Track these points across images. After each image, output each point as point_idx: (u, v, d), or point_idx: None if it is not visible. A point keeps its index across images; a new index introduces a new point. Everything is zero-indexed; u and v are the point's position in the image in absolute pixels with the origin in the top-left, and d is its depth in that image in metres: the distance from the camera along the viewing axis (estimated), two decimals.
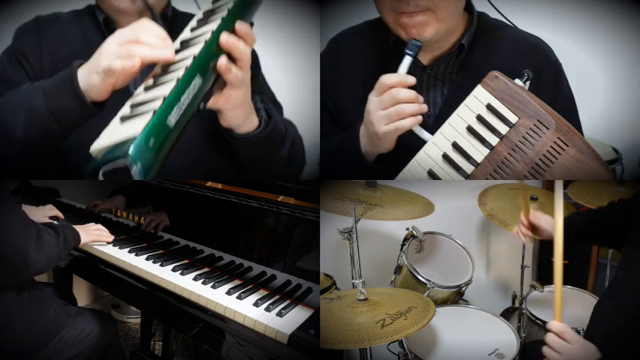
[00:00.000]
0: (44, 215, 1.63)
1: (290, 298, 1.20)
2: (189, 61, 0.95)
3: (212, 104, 1.05)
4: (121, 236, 1.57)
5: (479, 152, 1.10)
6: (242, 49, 1.02)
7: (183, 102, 0.92)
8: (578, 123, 1.27)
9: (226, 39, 1.00)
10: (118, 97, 1.00)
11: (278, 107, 1.40)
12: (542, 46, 1.28)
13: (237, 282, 1.29)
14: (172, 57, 0.98)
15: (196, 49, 0.97)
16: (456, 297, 1.69)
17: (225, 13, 1.03)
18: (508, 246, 2.25)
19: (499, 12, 1.26)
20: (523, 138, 1.07)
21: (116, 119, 0.93)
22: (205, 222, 1.45)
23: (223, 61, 1.00)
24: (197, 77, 0.95)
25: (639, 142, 1.55)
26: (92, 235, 1.46)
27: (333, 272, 1.71)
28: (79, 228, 1.42)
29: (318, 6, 1.58)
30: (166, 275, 1.31)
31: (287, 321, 1.09)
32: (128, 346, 2.17)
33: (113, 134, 0.89)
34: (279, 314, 1.11)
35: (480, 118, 1.10)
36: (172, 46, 1.00)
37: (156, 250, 1.48)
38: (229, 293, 1.21)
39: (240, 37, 1.02)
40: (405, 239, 1.75)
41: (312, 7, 1.57)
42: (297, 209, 1.24)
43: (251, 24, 1.08)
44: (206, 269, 1.36)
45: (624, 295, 1.07)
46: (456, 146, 1.11)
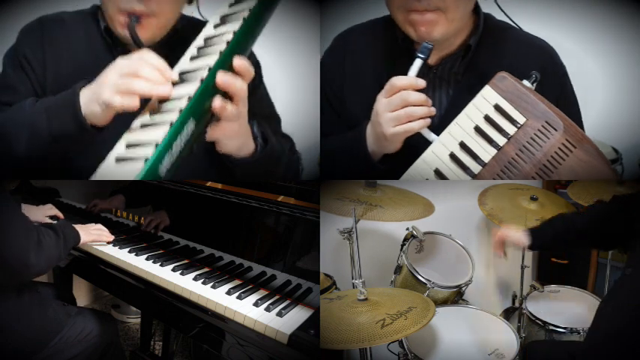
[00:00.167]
0: (44, 215, 1.62)
1: (290, 298, 1.20)
2: (183, 103, 0.94)
3: (208, 136, 1.04)
4: (121, 236, 1.57)
5: (486, 152, 1.10)
6: (238, 87, 1.00)
7: (175, 150, 0.92)
8: (581, 125, 1.27)
9: (222, 79, 0.98)
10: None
11: (276, 120, 1.40)
12: (547, 49, 1.29)
13: (237, 282, 1.29)
14: (170, 93, 0.97)
15: (192, 88, 0.96)
16: (456, 297, 1.69)
17: (223, 46, 1.01)
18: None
19: (505, 14, 1.25)
20: (531, 139, 1.07)
21: (111, 157, 0.93)
22: (205, 222, 1.45)
23: (218, 103, 0.98)
24: (190, 121, 0.94)
25: (639, 142, 1.55)
26: (92, 235, 1.46)
27: (333, 272, 1.71)
28: (79, 227, 1.42)
29: (318, 6, 1.57)
30: (166, 275, 1.31)
31: (287, 321, 1.09)
32: (128, 346, 2.17)
33: (108, 173, 0.91)
34: (279, 314, 1.11)
35: (488, 119, 1.10)
36: (173, 76, 0.99)
37: (156, 250, 1.48)
38: (229, 293, 1.21)
39: (237, 73, 1.00)
40: (405, 239, 1.75)
41: (312, 7, 1.56)
42: (297, 209, 1.24)
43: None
44: (206, 269, 1.36)
45: (628, 294, 1.06)
46: (464, 146, 1.11)
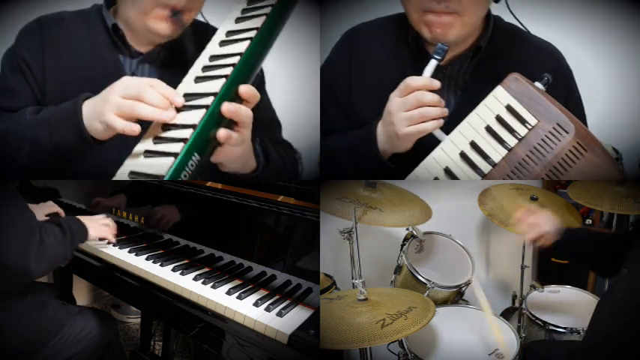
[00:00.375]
0: (44, 213, 1.62)
1: (290, 298, 1.20)
2: (188, 133, 0.93)
3: (212, 159, 1.04)
4: (122, 236, 1.57)
5: (497, 152, 1.10)
6: (244, 114, 0.99)
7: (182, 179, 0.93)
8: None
9: (229, 108, 0.97)
10: None
11: (277, 126, 1.40)
12: (555, 52, 1.30)
13: (237, 282, 1.29)
14: (173, 119, 0.96)
15: (197, 117, 0.95)
16: (456, 297, 1.69)
17: (229, 71, 1.00)
18: (508, 246, 2.25)
19: (515, 18, 1.25)
20: (542, 140, 1.07)
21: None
22: (205, 222, 1.45)
23: (223, 134, 0.97)
24: (195, 155, 0.94)
25: (639, 142, 1.55)
26: (100, 230, 1.42)
27: (333, 272, 1.71)
28: (87, 220, 1.39)
29: (318, 6, 1.57)
30: (166, 275, 1.31)
31: (287, 321, 1.09)
32: (128, 346, 2.17)
33: None
34: (279, 314, 1.11)
35: (499, 119, 1.10)
36: (179, 103, 0.98)
37: (156, 250, 1.48)
38: (229, 293, 1.21)
39: (242, 99, 1.00)
40: (405, 239, 1.75)
41: (312, 7, 1.56)
42: (297, 209, 1.24)
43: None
44: (206, 269, 1.36)
45: (626, 294, 1.06)
46: (474, 145, 1.11)
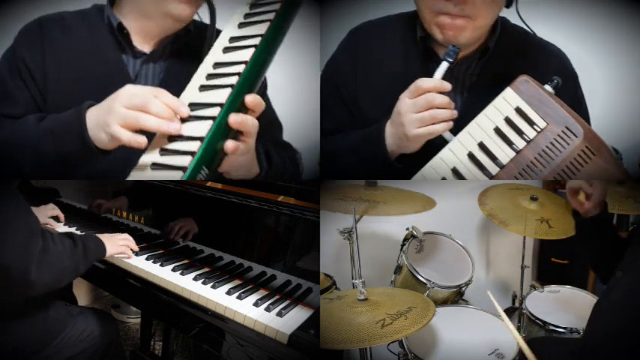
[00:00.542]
0: (46, 215, 1.62)
1: (290, 298, 1.20)
2: (196, 146, 0.93)
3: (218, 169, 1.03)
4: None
5: (505, 154, 1.10)
6: (250, 125, 0.98)
7: None
8: None
9: (236, 120, 0.96)
10: None
11: (278, 127, 1.40)
12: (561, 55, 1.30)
13: (237, 282, 1.29)
14: (179, 131, 0.95)
15: (204, 128, 0.94)
16: (456, 297, 1.69)
17: (234, 80, 0.99)
18: (508, 246, 2.25)
19: (523, 21, 1.25)
20: (550, 144, 1.07)
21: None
22: (205, 222, 1.45)
23: (231, 146, 0.96)
24: (203, 169, 0.94)
25: (639, 142, 1.55)
26: (119, 248, 1.38)
27: (333, 272, 1.71)
28: (105, 238, 1.34)
29: (318, 6, 1.57)
30: (166, 275, 1.31)
31: (287, 321, 1.10)
32: (128, 346, 2.17)
33: None
34: (279, 314, 1.11)
35: (509, 121, 1.10)
36: (184, 113, 0.97)
37: (156, 250, 1.48)
38: (229, 293, 1.21)
39: (248, 109, 0.99)
40: (405, 239, 1.75)
41: (312, 7, 1.56)
42: (297, 209, 1.24)
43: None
44: (206, 269, 1.37)
45: (623, 295, 1.06)
46: (482, 146, 1.11)
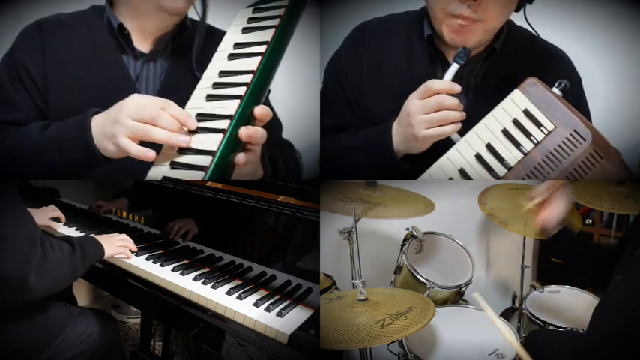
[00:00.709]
0: (46, 217, 1.62)
1: (290, 298, 1.20)
2: (207, 161, 0.93)
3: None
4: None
5: (512, 156, 1.10)
6: (260, 136, 0.99)
7: None
8: None
9: (246, 133, 0.96)
10: None
11: (278, 126, 1.40)
12: (565, 58, 1.31)
13: (237, 282, 1.29)
14: (189, 143, 0.96)
15: (214, 142, 0.94)
16: (456, 297, 1.69)
17: (242, 90, 0.99)
18: (508, 246, 2.25)
19: (529, 24, 1.25)
20: (558, 146, 1.06)
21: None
22: (205, 222, 1.45)
23: (242, 160, 0.97)
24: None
25: (639, 142, 1.55)
26: (118, 248, 1.38)
27: (333, 272, 1.71)
28: (104, 240, 1.34)
29: (318, 6, 1.57)
30: (166, 275, 1.31)
31: (287, 321, 1.10)
32: (128, 346, 2.17)
33: None
34: (279, 314, 1.11)
35: (517, 123, 1.10)
36: (193, 126, 0.97)
37: (156, 250, 1.48)
38: (229, 293, 1.21)
39: (257, 119, 0.99)
40: (405, 239, 1.75)
41: (312, 7, 1.56)
42: (297, 209, 1.24)
43: None
44: (206, 269, 1.37)
45: (624, 296, 1.07)
46: (490, 148, 1.11)
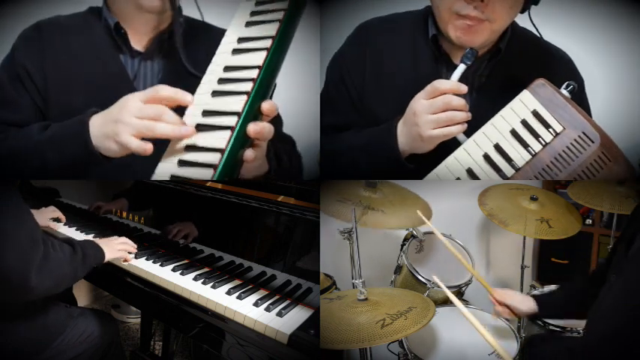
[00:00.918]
0: (47, 218, 1.62)
1: (290, 298, 1.20)
2: (216, 158, 0.93)
3: None
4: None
5: (521, 157, 1.10)
6: (267, 132, 0.99)
7: None
8: None
9: (254, 129, 0.97)
10: None
11: (279, 122, 1.40)
12: (569, 60, 1.31)
13: (237, 282, 1.29)
14: (192, 133, 0.96)
15: (223, 139, 0.95)
16: (456, 297, 1.69)
17: (249, 87, 0.99)
18: (508, 246, 2.25)
19: (534, 25, 1.25)
20: (567, 148, 1.06)
21: None
22: (205, 222, 1.45)
23: (250, 156, 0.97)
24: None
25: (639, 142, 1.55)
26: (118, 252, 1.37)
27: (333, 272, 1.71)
28: (103, 243, 1.34)
29: (318, 6, 1.57)
30: (166, 275, 1.31)
31: (287, 321, 1.10)
32: (128, 346, 2.17)
33: None
34: (279, 314, 1.11)
35: (525, 123, 1.10)
36: (189, 99, 0.98)
37: (156, 250, 1.48)
38: (229, 293, 1.21)
39: (263, 115, 0.99)
40: (405, 239, 1.75)
41: (312, 7, 1.56)
42: (297, 209, 1.24)
43: None
44: (206, 269, 1.37)
45: (619, 297, 1.06)
46: (498, 148, 1.11)
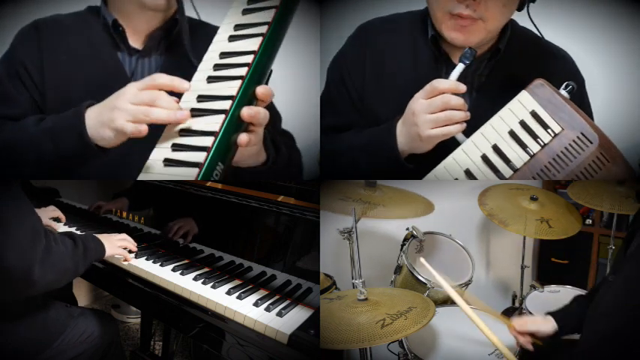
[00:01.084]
0: (46, 217, 1.62)
1: (290, 298, 1.20)
2: (209, 141, 0.93)
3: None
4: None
5: (519, 157, 1.09)
6: (262, 116, 0.98)
7: None
8: None
9: (249, 113, 0.96)
10: None
11: (277, 118, 1.40)
12: (569, 60, 1.30)
13: (237, 282, 1.29)
14: (188, 117, 0.96)
15: (217, 123, 0.94)
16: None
17: (244, 71, 0.99)
18: (508, 246, 2.26)
19: (534, 24, 1.25)
20: (565, 149, 1.06)
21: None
22: (205, 222, 1.45)
23: (245, 139, 0.96)
24: (219, 164, 0.94)
25: (639, 142, 1.55)
26: (118, 248, 1.37)
27: (333, 272, 1.71)
28: (104, 238, 1.34)
29: (318, 6, 1.57)
30: (166, 275, 1.31)
31: (287, 321, 1.10)
32: (128, 346, 2.17)
33: None
34: (279, 314, 1.11)
35: (524, 124, 1.10)
36: (185, 86, 0.98)
37: (156, 250, 1.48)
38: (229, 293, 1.21)
39: (258, 99, 0.99)
40: (405, 239, 1.75)
41: (312, 7, 1.56)
42: (297, 209, 1.24)
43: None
44: (206, 269, 1.37)
45: (619, 296, 1.06)
46: (497, 149, 1.11)
